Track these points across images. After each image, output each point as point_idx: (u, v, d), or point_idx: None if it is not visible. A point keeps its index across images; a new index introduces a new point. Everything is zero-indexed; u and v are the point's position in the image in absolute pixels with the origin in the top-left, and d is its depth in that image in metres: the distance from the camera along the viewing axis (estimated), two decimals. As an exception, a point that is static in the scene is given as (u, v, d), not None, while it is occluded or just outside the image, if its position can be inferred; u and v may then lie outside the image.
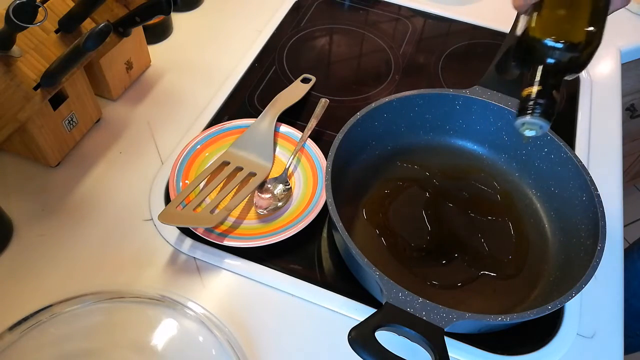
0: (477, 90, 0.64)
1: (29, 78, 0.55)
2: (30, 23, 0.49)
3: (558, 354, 0.54)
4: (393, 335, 0.46)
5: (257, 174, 0.63)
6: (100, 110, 0.71)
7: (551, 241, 0.60)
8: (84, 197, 0.63)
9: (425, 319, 0.45)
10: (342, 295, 0.56)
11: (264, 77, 0.80)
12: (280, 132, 0.69)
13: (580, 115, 0.77)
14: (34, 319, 0.50)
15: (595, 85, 0.82)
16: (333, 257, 0.60)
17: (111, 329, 0.52)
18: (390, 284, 0.47)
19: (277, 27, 0.88)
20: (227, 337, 0.50)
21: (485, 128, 0.66)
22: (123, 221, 0.61)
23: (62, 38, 0.59)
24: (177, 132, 0.70)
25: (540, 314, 0.46)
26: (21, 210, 0.60)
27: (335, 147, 0.57)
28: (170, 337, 0.52)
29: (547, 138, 0.60)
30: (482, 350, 0.54)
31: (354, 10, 0.93)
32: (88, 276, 0.56)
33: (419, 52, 0.86)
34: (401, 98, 0.64)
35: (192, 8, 0.89)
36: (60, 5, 0.60)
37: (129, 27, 0.68)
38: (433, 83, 0.80)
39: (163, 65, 0.79)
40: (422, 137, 0.68)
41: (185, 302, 0.52)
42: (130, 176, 0.65)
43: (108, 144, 0.69)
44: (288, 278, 0.57)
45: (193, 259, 0.58)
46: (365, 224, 0.61)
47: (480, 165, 0.67)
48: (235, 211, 0.62)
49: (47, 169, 0.65)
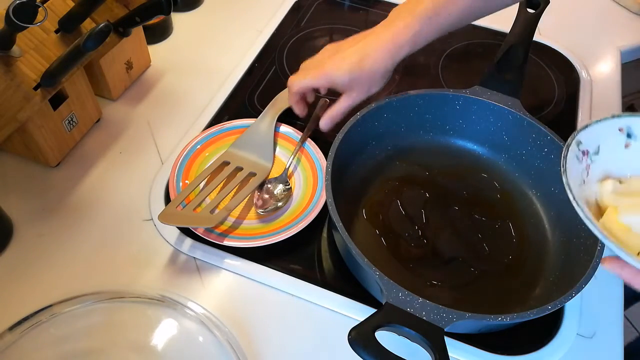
0: (477, 90, 0.64)
1: (29, 78, 0.55)
2: (30, 23, 0.49)
3: (558, 354, 0.54)
4: (393, 335, 0.46)
5: (257, 174, 0.63)
6: (100, 110, 0.71)
7: (551, 241, 0.60)
8: (84, 197, 0.63)
9: (425, 319, 0.45)
10: (342, 295, 0.56)
11: (264, 77, 0.80)
12: (280, 132, 0.69)
13: (580, 115, 0.77)
14: (34, 319, 0.50)
15: (595, 85, 0.82)
16: (333, 257, 0.60)
17: (111, 329, 0.52)
18: (390, 284, 0.47)
19: (277, 27, 0.87)
20: (227, 337, 0.50)
21: (485, 128, 0.66)
22: (123, 221, 0.61)
23: (62, 38, 0.59)
24: (177, 132, 0.70)
25: (540, 314, 0.46)
26: (21, 210, 0.60)
27: (335, 147, 0.57)
28: (170, 337, 0.52)
29: (547, 138, 0.61)
30: (482, 350, 0.54)
31: (354, 10, 0.93)
32: (88, 276, 0.56)
33: (419, 52, 0.86)
34: (401, 98, 0.64)
35: (192, 8, 0.89)
36: (60, 5, 0.60)
37: (129, 27, 0.68)
38: (433, 83, 0.80)
39: (163, 65, 0.79)
40: (422, 137, 0.68)
41: (185, 302, 0.52)
42: (130, 176, 0.65)
43: (108, 144, 0.69)
44: (288, 278, 0.57)
45: (193, 259, 0.58)
46: (365, 224, 0.61)
47: (480, 165, 0.67)
48: (235, 211, 0.62)
49: (47, 169, 0.65)
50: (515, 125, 0.63)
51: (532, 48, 0.67)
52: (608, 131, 0.44)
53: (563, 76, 0.83)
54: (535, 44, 0.85)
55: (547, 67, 0.84)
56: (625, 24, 0.93)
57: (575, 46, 0.87)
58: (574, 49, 0.87)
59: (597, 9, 0.95)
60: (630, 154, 0.44)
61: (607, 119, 0.44)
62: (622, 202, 0.42)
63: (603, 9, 0.95)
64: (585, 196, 0.43)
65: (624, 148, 0.45)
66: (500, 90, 0.64)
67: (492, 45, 0.85)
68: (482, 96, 0.64)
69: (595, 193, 0.44)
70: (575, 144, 0.43)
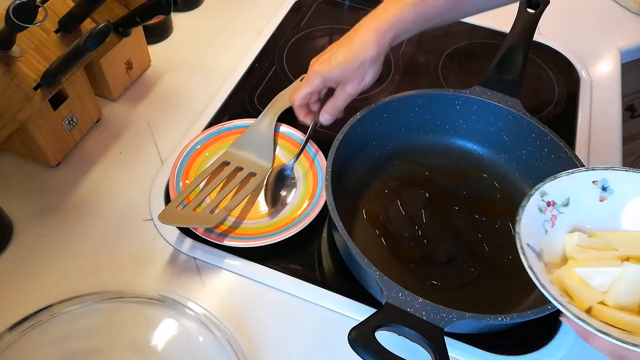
0: (477, 90, 0.64)
1: (29, 78, 0.55)
2: (30, 23, 0.49)
3: (558, 354, 0.54)
4: (393, 335, 0.46)
5: (257, 174, 0.63)
6: (100, 110, 0.71)
7: (551, 241, 0.60)
8: (84, 197, 0.63)
9: (425, 319, 0.45)
10: (342, 295, 0.56)
11: (264, 77, 0.80)
12: (280, 132, 0.69)
13: (580, 115, 0.77)
14: (34, 319, 0.50)
15: (595, 85, 0.82)
16: (333, 257, 0.60)
17: (111, 329, 0.52)
18: (390, 284, 0.47)
19: (277, 27, 0.87)
20: (227, 337, 0.50)
21: (485, 128, 0.66)
22: (123, 221, 0.61)
23: (62, 38, 0.59)
24: (177, 132, 0.70)
25: (540, 314, 0.46)
26: (21, 210, 0.60)
27: (335, 147, 0.57)
28: (170, 337, 0.52)
29: (547, 138, 0.61)
30: (482, 350, 0.54)
31: (354, 10, 0.93)
32: (88, 276, 0.56)
33: (419, 52, 0.86)
34: (401, 98, 0.64)
35: (192, 8, 0.89)
36: (60, 5, 0.60)
37: (129, 27, 0.68)
38: (433, 83, 0.80)
39: (163, 65, 0.79)
40: (422, 137, 0.68)
41: (185, 302, 0.52)
42: (130, 176, 0.65)
43: (108, 144, 0.69)
44: (288, 278, 0.57)
45: (193, 259, 0.58)
46: (365, 224, 0.61)
47: (480, 165, 0.67)
48: (235, 211, 0.62)
49: (47, 169, 0.65)
50: (515, 125, 0.63)
51: (532, 48, 0.68)
52: (580, 183, 0.43)
53: (563, 76, 0.83)
54: (535, 44, 0.85)
55: (547, 67, 0.85)
56: (625, 24, 0.93)
57: (575, 46, 0.87)
58: (574, 49, 0.87)
59: (597, 9, 0.95)
60: (606, 207, 0.43)
61: (579, 171, 0.43)
62: (584, 255, 0.41)
63: (603, 9, 0.95)
64: (548, 246, 0.42)
65: (598, 201, 0.43)
66: (500, 90, 0.64)
67: (492, 45, 0.85)
68: (482, 96, 0.64)
69: (562, 244, 0.43)
70: (538, 194, 0.43)
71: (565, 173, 0.43)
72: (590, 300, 0.39)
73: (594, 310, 0.38)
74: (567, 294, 0.39)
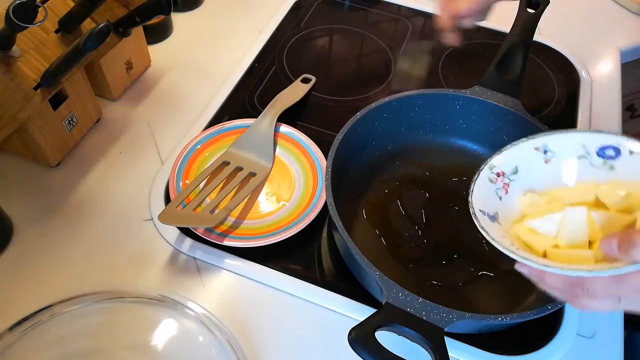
0: (477, 90, 0.64)
1: (29, 78, 0.55)
2: (30, 23, 0.49)
3: (558, 354, 0.54)
4: (393, 335, 0.46)
5: (257, 174, 0.64)
6: (100, 110, 0.71)
7: (551, 241, 0.60)
8: (84, 197, 0.63)
9: (425, 319, 0.45)
10: (342, 295, 0.56)
11: (264, 77, 0.80)
12: (281, 132, 0.69)
13: (580, 115, 0.77)
14: (34, 319, 0.50)
15: (595, 85, 0.82)
16: (333, 257, 0.60)
17: (111, 329, 0.52)
18: (390, 284, 0.47)
19: (277, 27, 0.87)
20: (227, 337, 0.50)
21: (485, 128, 0.66)
22: (123, 221, 0.61)
23: (62, 38, 0.59)
24: (177, 132, 0.70)
25: (540, 314, 0.46)
26: (21, 210, 0.60)
27: (335, 147, 0.57)
28: (170, 337, 0.52)
29: (547, 138, 0.60)
30: (482, 350, 0.54)
31: (354, 10, 0.93)
32: (88, 276, 0.56)
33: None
34: (401, 98, 0.64)
35: (192, 8, 0.89)
36: (60, 5, 0.60)
37: (129, 27, 0.68)
38: (433, 83, 0.80)
39: (163, 65, 0.79)
40: (422, 137, 0.68)
41: (185, 302, 0.52)
42: (130, 176, 0.65)
43: (108, 144, 0.69)
44: (288, 278, 0.57)
45: (193, 259, 0.58)
46: (365, 224, 0.61)
47: (480, 165, 0.67)
48: (235, 211, 0.62)
49: (47, 169, 0.65)
50: (515, 126, 0.63)
51: (532, 48, 0.67)
52: (524, 152, 0.48)
53: (563, 76, 0.83)
54: (535, 44, 0.85)
55: (547, 67, 0.85)
56: (625, 24, 0.93)
57: (575, 46, 0.88)
58: (574, 49, 0.87)
59: (597, 9, 0.95)
60: (550, 168, 0.47)
61: (521, 141, 0.48)
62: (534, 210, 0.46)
63: (603, 9, 0.95)
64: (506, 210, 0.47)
65: (544, 164, 0.47)
66: (500, 90, 0.64)
67: (492, 45, 0.85)
68: (482, 96, 0.64)
69: (518, 207, 0.47)
70: (487, 168, 0.48)
71: (509, 145, 0.48)
72: (544, 246, 0.42)
73: (549, 255, 0.41)
74: (527, 246, 0.43)
